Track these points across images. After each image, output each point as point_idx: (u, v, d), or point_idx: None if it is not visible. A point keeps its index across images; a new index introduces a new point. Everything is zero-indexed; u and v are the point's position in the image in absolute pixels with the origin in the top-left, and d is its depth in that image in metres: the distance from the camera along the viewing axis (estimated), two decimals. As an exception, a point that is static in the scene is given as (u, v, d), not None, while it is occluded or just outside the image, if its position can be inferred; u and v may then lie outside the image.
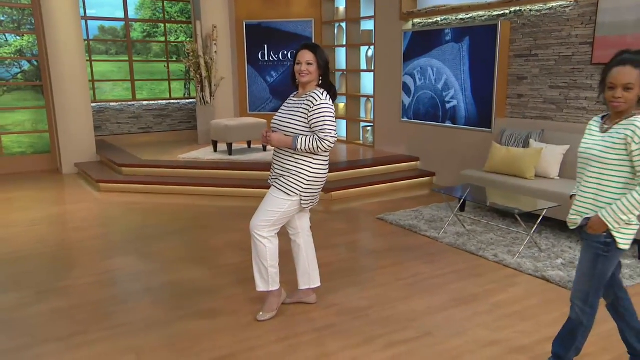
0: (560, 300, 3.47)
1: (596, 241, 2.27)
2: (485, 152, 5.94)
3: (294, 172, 3.07)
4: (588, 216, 2.28)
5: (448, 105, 6.59)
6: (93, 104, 9.60)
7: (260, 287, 3.24)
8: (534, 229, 4.36)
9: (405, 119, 7.30)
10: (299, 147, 3.00)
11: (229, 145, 7.30)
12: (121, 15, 9.92)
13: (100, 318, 3.27)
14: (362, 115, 8.51)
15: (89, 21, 9.68)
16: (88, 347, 2.92)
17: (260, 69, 9.24)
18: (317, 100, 3.00)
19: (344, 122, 8.82)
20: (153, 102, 10.21)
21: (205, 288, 3.72)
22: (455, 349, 2.89)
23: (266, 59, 9.18)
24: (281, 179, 3.11)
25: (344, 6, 8.41)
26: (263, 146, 7.83)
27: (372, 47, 7.89)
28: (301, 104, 3.05)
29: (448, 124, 6.62)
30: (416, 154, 7.23)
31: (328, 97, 3.05)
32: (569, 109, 5.44)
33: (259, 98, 9.34)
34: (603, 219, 2.22)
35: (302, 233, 3.36)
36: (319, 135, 3.00)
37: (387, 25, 7.42)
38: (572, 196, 2.48)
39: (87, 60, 9.63)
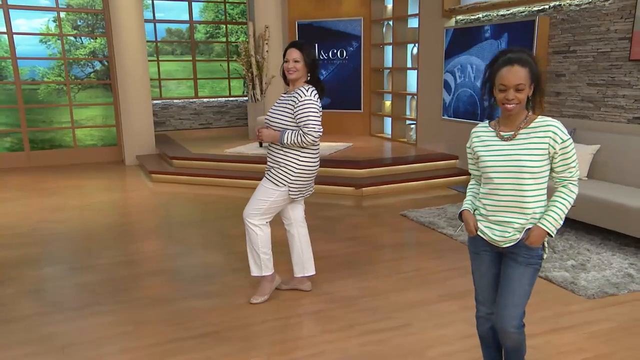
0: (555, 300, 3.43)
1: (535, 256, 2.16)
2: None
3: (282, 165, 3.28)
4: (528, 228, 2.13)
5: (486, 103, 6.48)
6: (158, 101, 10.31)
7: (254, 272, 3.47)
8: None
9: (445, 117, 7.26)
10: (285, 141, 3.20)
11: (273, 141, 7.60)
12: (187, 17, 10.55)
13: (115, 293, 3.65)
14: (408, 113, 8.52)
15: (157, 24, 10.40)
16: (96, 316, 3.29)
17: (311, 67, 9.48)
18: (302, 97, 3.19)
19: (389, 120, 8.88)
20: (213, 99, 10.78)
21: (212, 271, 4.02)
22: (429, 340, 2.97)
23: (317, 57, 9.40)
24: (272, 170, 3.33)
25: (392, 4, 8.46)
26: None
27: (417, 44, 7.88)
28: (289, 100, 3.24)
29: (486, 122, 6.51)
30: (456, 152, 7.17)
31: (314, 93, 3.22)
32: (606, 107, 5.22)
33: (309, 95, 9.59)
34: (546, 229, 2.10)
35: (295, 224, 3.54)
36: (304, 130, 3.19)
37: (430, 22, 7.40)
38: (462, 212, 2.29)
39: (154, 60, 10.36)
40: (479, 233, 2.24)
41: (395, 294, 3.58)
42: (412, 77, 8.42)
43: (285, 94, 3.40)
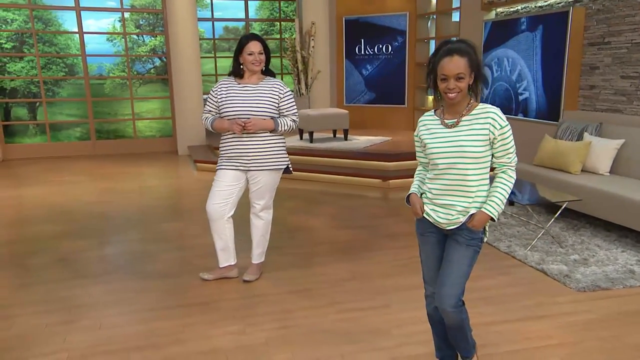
0: (543, 290, 3.41)
1: (476, 238, 2.25)
2: (549, 145, 5.68)
3: (277, 149, 3.47)
4: (472, 213, 2.21)
5: (521, 97, 6.37)
6: (214, 96, 10.83)
7: (262, 258, 3.72)
8: (550, 223, 4.21)
9: (483, 111, 7.16)
10: (280, 128, 3.40)
11: (310, 133, 7.83)
12: (243, 16, 11.01)
13: (128, 265, 4.03)
14: (450, 107, 8.45)
15: (215, 22, 10.94)
16: (106, 284, 3.66)
17: (357, 62, 9.62)
18: (284, 88, 3.44)
19: (431, 114, 8.85)
20: (265, 94, 11.16)
21: (223, 251, 4.30)
22: (400, 320, 3.07)
23: (362, 52, 9.53)
24: (267, 160, 3.44)
25: (436, -2, 8.43)
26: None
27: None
28: (268, 91, 3.39)
29: (520, 116, 6.40)
30: (492, 147, 7.05)
31: None
32: (639, 101, 5.00)
33: (354, 90, 9.73)
34: (490, 213, 2.19)
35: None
36: (293, 118, 3.41)
37: (470, 15, 7.33)
38: (409, 196, 2.39)
39: (212, 57, 10.91)
40: (425, 215, 2.34)
41: (385, 278, 3.70)
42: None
43: (242, 83, 3.40)
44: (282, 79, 11.27)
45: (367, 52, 9.48)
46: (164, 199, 6.18)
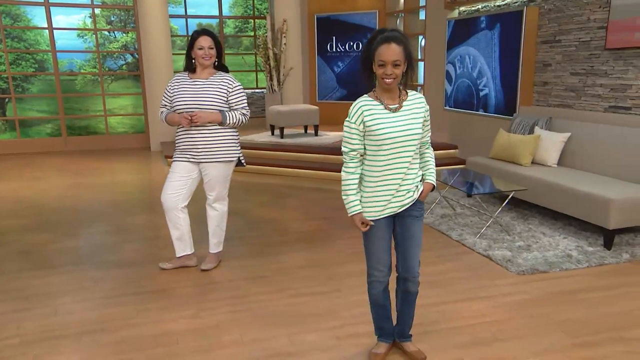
0: (485, 275, 3.60)
1: (422, 208, 2.46)
2: (506, 139, 5.89)
3: (226, 142, 3.57)
4: (420, 188, 2.42)
5: (481, 93, 6.58)
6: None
7: (220, 247, 3.84)
8: (497, 212, 4.42)
9: (447, 107, 7.37)
10: (228, 121, 3.52)
11: (281, 129, 7.96)
12: (217, 13, 11.07)
13: (90, 256, 4.12)
14: (417, 103, 8.66)
15: (188, 19, 10.98)
16: (67, 274, 3.75)
17: (329, 59, 9.77)
18: (234, 83, 3.54)
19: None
20: (239, 90, 11.25)
21: (185, 241, 4.41)
22: (348, 304, 3.23)
23: (334, 50, 9.68)
24: (216, 152, 3.55)
25: (404, -3, 8.62)
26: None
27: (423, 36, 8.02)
28: (217, 85, 3.49)
29: (480, 112, 6.61)
30: (456, 142, 7.27)
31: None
32: (586, 97, 5.23)
33: (326, 87, 9.89)
34: (433, 182, 2.45)
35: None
36: (242, 112, 3.53)
37: (434, 14, 7.53)
38: (354, 217, 2.43)
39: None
40: (375, 220, 2.41)
41: (339, 266, 3.85)
42: (422, 68, 8.54)
43: (194, 78, 3.50)
44: (256, 76, 11.49)
45: (338, 49, 9.63)
46: (133, 193, 6.26)
